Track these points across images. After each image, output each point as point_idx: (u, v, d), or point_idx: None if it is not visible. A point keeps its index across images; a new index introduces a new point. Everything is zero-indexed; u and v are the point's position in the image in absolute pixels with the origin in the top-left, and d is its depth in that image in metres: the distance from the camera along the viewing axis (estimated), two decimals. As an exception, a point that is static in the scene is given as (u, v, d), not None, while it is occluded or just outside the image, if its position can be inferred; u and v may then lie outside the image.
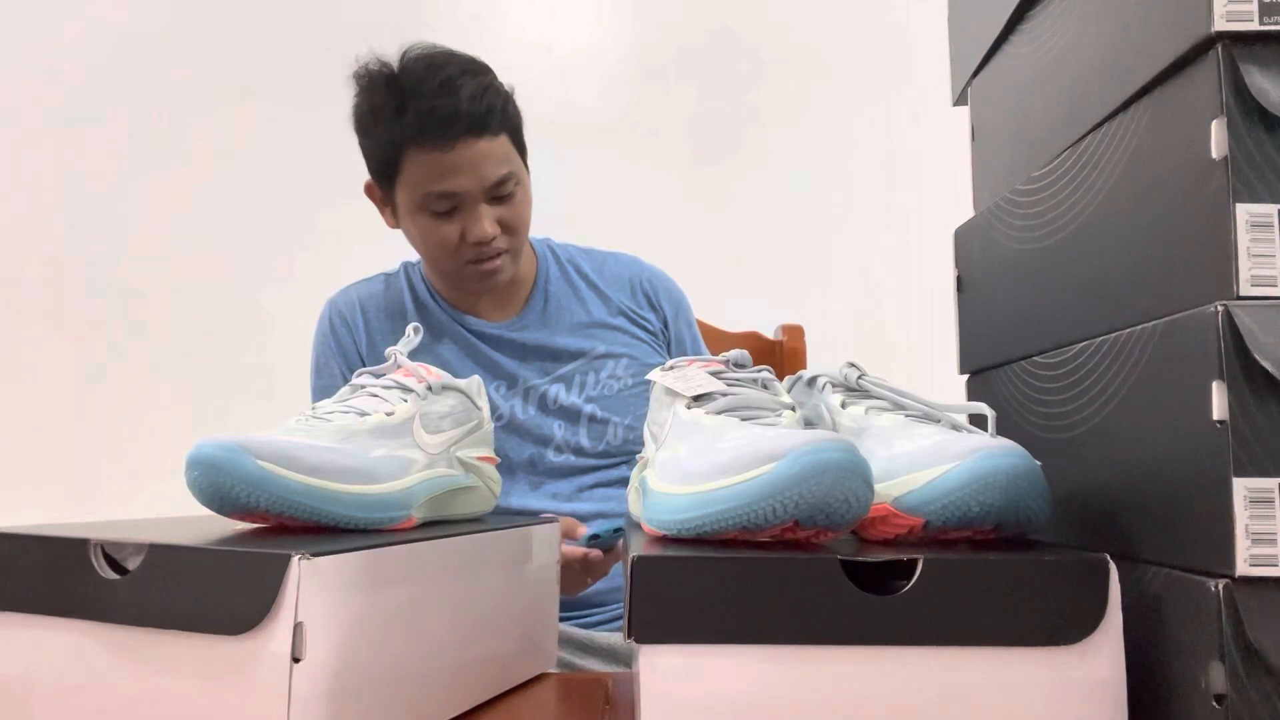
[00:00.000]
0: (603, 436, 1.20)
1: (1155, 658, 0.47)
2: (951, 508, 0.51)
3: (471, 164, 1.09)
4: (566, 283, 1.26)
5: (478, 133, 1.09)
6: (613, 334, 1.23)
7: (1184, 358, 0.45)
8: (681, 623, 0.46)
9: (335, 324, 1.23)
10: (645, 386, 1.20)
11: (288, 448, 0.57)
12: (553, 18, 2.06)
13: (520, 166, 1.16)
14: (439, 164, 1.09)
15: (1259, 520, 0.41)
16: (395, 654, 0.54)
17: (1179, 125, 0.47)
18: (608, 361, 1.22)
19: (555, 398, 1.19)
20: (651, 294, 1.28)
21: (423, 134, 1.08)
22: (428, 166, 1.09)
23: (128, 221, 2.02)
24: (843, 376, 0.65)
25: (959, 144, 0.83)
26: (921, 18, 1.38)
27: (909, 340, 1.65)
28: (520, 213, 1.15)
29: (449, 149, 1.08)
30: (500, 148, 1.12)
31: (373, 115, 1.12)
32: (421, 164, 1.09)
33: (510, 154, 1.14)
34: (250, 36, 2.03)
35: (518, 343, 1.21)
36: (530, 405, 1.19)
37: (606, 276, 1.28)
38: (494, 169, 1.11)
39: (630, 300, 1.27)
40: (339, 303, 1.26)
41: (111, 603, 0.49)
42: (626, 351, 1.23)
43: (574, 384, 1.21)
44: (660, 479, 0.55)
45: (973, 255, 0.77)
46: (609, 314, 1.25)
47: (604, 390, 1.21)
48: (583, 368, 1.21)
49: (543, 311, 1.24)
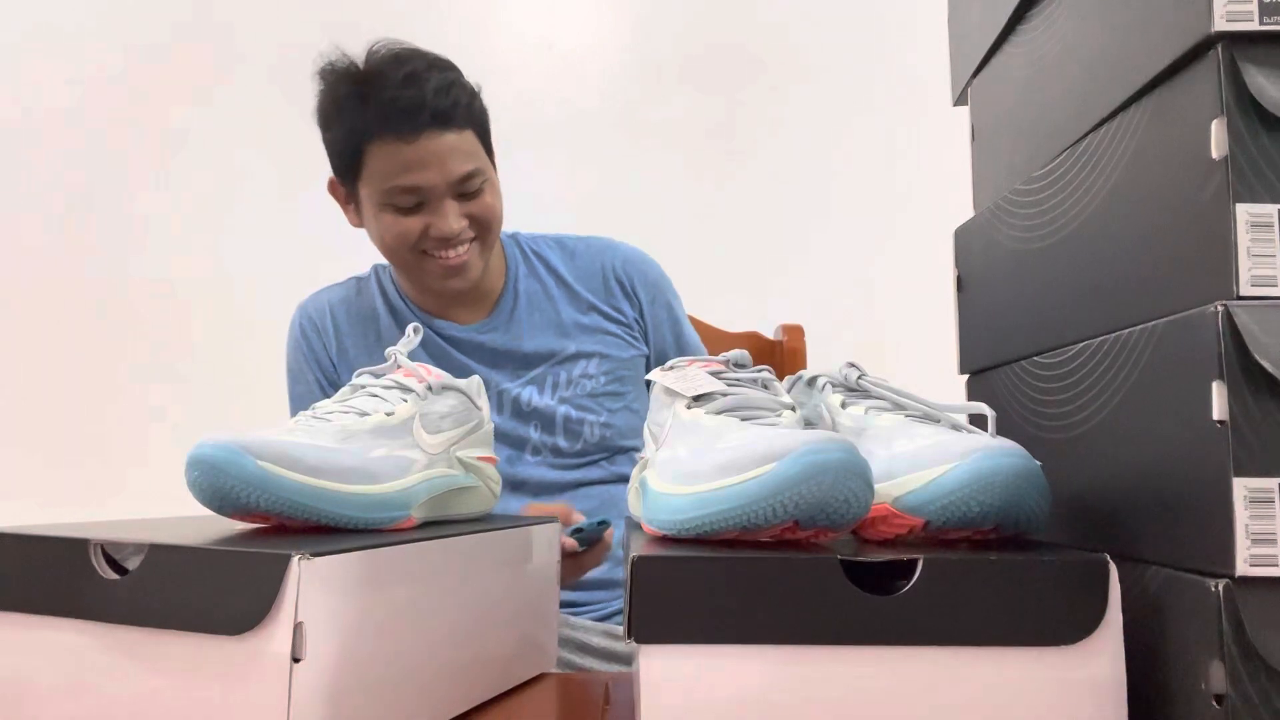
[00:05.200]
0: (579, 436, 1.19)
1: (1155, 658, 0.47)
2: (951, 508, 0.51)
3: (437, 157, 1.07)
4: (536, 280, 1.24)
5: (442, 125, 1.07)
6: (584, 333, 1.22)
7: (1184, 358, 0.45)
8: (681, 623, 0.46)
9: (306, 330, 1.22)
10: (618, 383, 1.21)
11: (288, 448, 0.57)
12: (553, 16, 2.06)
13: (488, 164, 1.14)
14: (402, 157, 1.07)
15: (1259, 520, 0.41)
16: (395, 654, 0.54)
17: (1179, 125, 0.47)
18: (579, 360, 1.20)
19: (528, 400, 1.18)
20: (625, 281, 1.25)
21: (386, 126, 1.06)
22: (391, 159, 1.07)
23: (128, 221, 2.02)
24: (843, 376, 0.65)
25: (959, 144, 0.83)
26: (922, 18, 1.38)
27: (909, 340, 1.65)
28: (489, 208, 1.13)
29: (412, 140, 1.06)
30: (466, 143, 1.10)
31: (335, 108, 1.10)
32: (384, 157, 1.07)
33: (477, 150, 1.12)
34: (250, 36, 2.03)
35: (487, 347, 1.20)
36: (504, 410, 1.18)
37: (578, 269, 1.25)
38: (460, 164, 1.09)
39: (602, 291, 1.24)
40: (309, 308, 1.24)
41: (111, 603, 0.49)
42: (598, 349, 1.21)
43: (545, 385, 1.19)
44: (660, 479, 0.55)
45: (973, 255, 0.77)
46: (579, 311, 1.23)
47: (577, 390, 1.19)
48: (554, 368, 1.20)
49: (511, 313, 1.21)
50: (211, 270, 2.01)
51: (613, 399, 1.20)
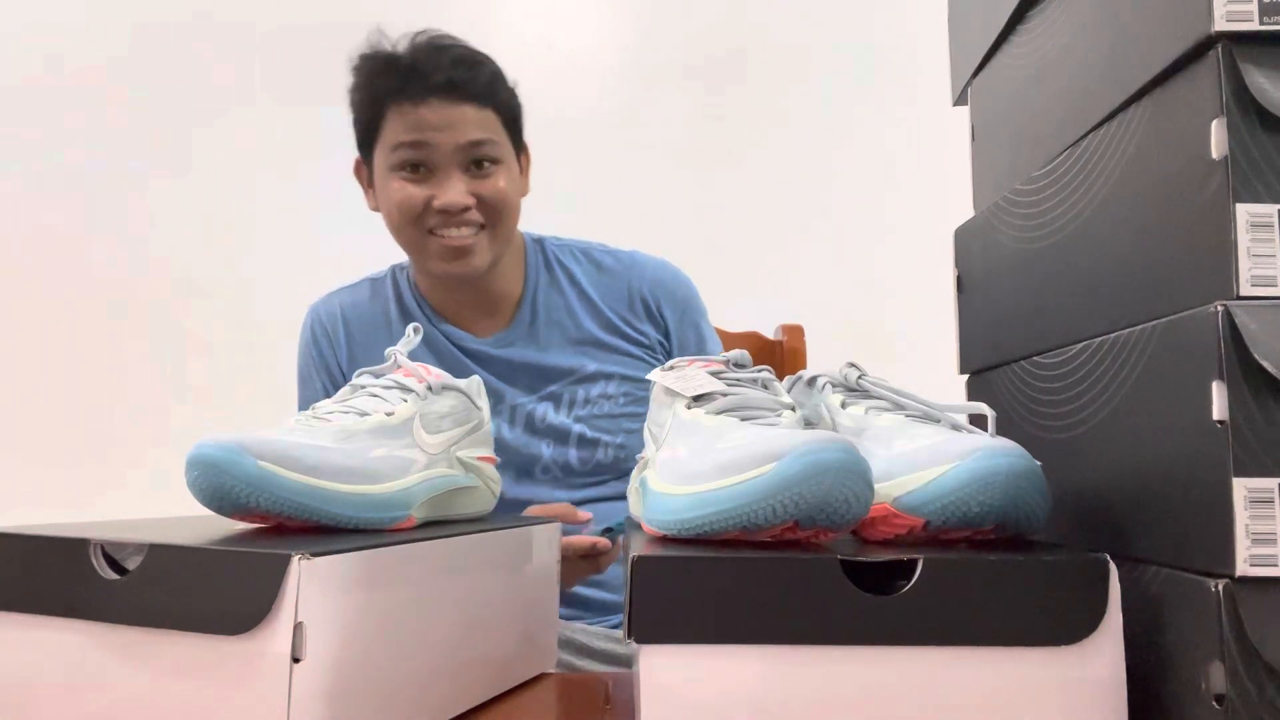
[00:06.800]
0: (592, 457, 1.16)
1: (1155, 658, 0.47)
2: (951, 508, 0.51)
3: (447, 121, 1.07)
4: (557, 291, 1.20)
5: (459, 94, 1.07)
6: (604, 352, 1.18)
7: (1184, 358, 0.45)
8: (681, 623, 0.46)
9: (317, 334, 1.21)
10: (637, 404, 1.17)
11: (288, 448, 0.57)
12: (553, 16, 2.06)
13: (508, 149, 1.12)
14: (414, 116, 1.07)
15: (1259, 520, 0.41)
16: (395, 654, 0.54)
17: (1179, 125, 0.47)
18: (599, 380, 1.17)
19: (543, 417, 1.15)
20: (651, 302, 1.21)
21: (403, 88, 1.07)
22: (403, 119, 1.07)
23: (127, 221, 2.02)
24: (843, 376, 0.65)
25: (959, 144, 0.83)
26: (921, 18, 1.38)
27: (909, 340, 1.65)
28: (500, 190, 1.10)
29: (422, 101, 1.06)
30: (484, 119, 1.09)
31: (363, 79, 1.11)
32: (397, 117, 1.08)
33: (494, 129, 1.10)
34: (250, 36, 2.03)
35: (504, 360, 1.16)
36: (517, 425, 1.15)
37: (602, 285, 1.20)
38: (470, 131, 1.08)
39: (627, 312, 1.20)
40: (321, 312, 1.22)
41: (111, 603, 0.49)
42: (618, 370, 1.18)
43: (563, 402, 1.16)
44: (660, 479, 0.55)
45: (973, 255, 0.77)
46: (600, 329, 1.19)
47: (594, 410, 1.16)
48: (571, 386, 1.16)
49: (530, 325, 1.18)
50: (212, 269, 2.01)
51: (630, 420, 1.17)
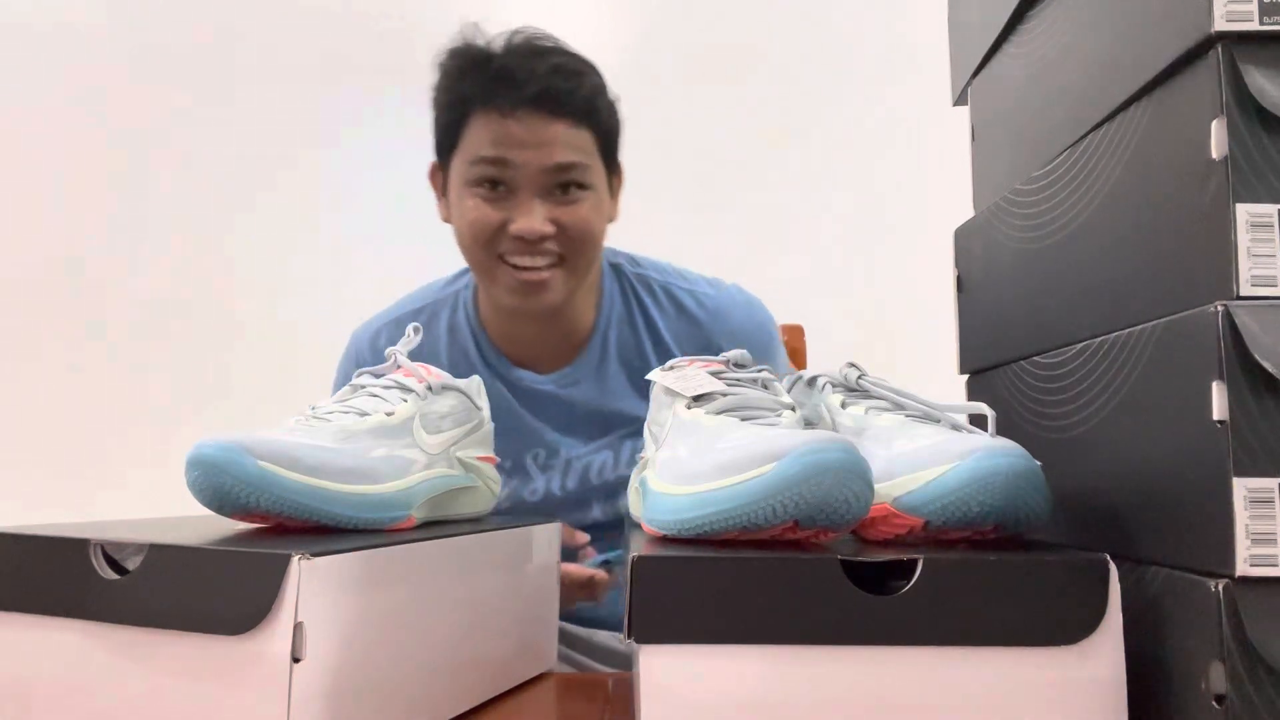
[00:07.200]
0: None
1: (1155, 658, 0.47)
2: (951, 508, 0.51)
3: (537, 139, 0.95)
4: (630, 329, 1.08)
5: (552, 109, 0.95)
6: None
7: (1184, 358, 0.45)
8: (681, 623, 0.46)
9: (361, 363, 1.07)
10: None
11: (288, 448, 0.57)
12: (553, 16, 2.06)
13: (600, 175, 1.01)
14: (500, 128, 0.95)
15: (1259, 520, 0.41)
16: (395, 654, 0.54)
17: (1179, 125, 0.47)
18: None
19: (600, 470, 1.05)
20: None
21: (492, 95, 0.96)
22: (487, 129, 0.96)
23: (128, 221, 2.02)
24: (843, 376, 0.65)
25: (959, 144, 0.83)
26: (921, 18, 1.38)
27: (909, 340, 1.64)
28: (584, 219, 0.99)
29: (512, 114, 0.95)
30: (578, 139, 0.97)
31: (450, 79, 1.00)
32: (482, 126, 0.97)
33: (589, 152, 0.99)
34: (251, 37, 2.03)
35: (566, 401, 1.05)
36: (570, 479, 1.05)
37: (680, 334, 1.07)
38: (560, 152, 0.96)
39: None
40: (364, 342, 1.10)
41: (111, 603, 0.49)
42: None
43: (623, 454, 1.05)
44: (660, 479, 0.55)
45: (973, 255, 0.77)
46: None
47: None
48: (633, 438, 1.05)
49: (600, 365, 1.06)
50: (212, 270, 2.01)
51: None
